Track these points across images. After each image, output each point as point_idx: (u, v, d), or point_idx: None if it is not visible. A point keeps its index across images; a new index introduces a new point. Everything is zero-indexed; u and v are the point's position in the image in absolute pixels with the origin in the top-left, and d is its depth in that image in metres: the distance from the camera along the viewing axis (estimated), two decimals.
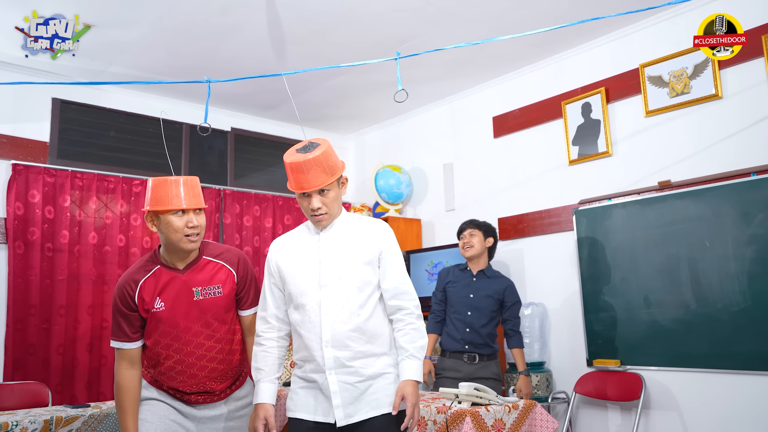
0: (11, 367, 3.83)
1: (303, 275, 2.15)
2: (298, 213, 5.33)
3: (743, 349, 3.18)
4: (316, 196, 2.12)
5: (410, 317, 2.15)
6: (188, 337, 2.18)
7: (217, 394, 2.27)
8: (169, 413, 2.23)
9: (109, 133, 4.60)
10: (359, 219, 2.26)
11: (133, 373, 2.21)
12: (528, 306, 4.04)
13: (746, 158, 3.30)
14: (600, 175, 3.95)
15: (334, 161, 2.13)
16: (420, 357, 2.11)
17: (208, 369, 2.22)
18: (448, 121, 5.02)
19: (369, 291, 2.14)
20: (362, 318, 2.10)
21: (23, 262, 3.98)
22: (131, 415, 2.17)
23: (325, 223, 2.17)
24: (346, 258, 2.15)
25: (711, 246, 3.34)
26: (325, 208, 2.13)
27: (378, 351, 2.13)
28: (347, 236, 2.19)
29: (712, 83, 3.43)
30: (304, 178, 2.09)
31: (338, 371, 2.08)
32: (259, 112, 5.22)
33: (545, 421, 2.89)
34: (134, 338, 2.21)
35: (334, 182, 2.13)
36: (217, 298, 2.22)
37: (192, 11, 3.50)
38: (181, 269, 2.22)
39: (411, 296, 2.18)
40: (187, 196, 2.15)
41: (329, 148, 2.13)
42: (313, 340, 2.10)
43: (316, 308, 2.11)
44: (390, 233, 2.23)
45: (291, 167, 2.10)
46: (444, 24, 3.73)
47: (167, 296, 2.18)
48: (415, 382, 2.07)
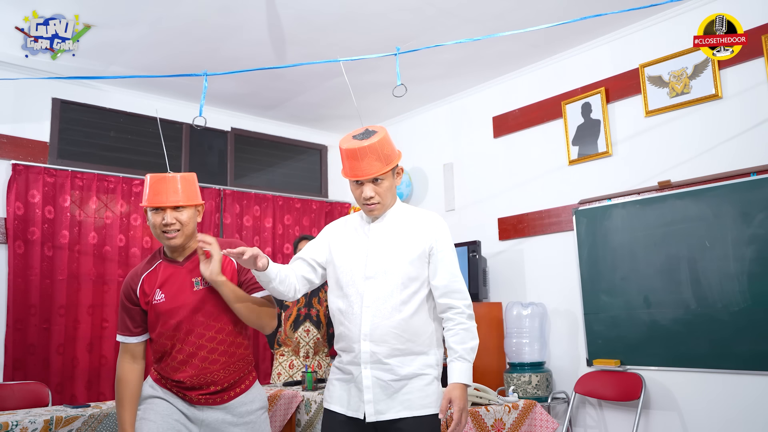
0: (11, 367, 3.83)
1: (350, 265, 2.12)
2: (298, 213, 5.33)
3: (743, 349, 3.18)
4: (369, 185, 2.07)
5: (461, 317, 2.07)
6: (190, 327, 2.19)
7: (220, 393, 2.24)
8: (173, 413, 2.21)
9: (109, 133, 4.60)
10: (413, 211, 2.20)
11: (134, 367, 2.23)
12: (528, 306, 4.04)
13: (746, 158, 3.30)
14: (600, 175, 3.95)
15: (390, 150, 2.08)
16: (470, 359, 2.04)
17: (211, 359, 2.20)
18: (448, 121, 5.02)
19: (415, 287, 2.08)
20: (404, 315, 2.05)
21: (23, 262, 3.98)
22: (128, 409, 2.18)
23: (377, 213, 2.12)
24: (393, 251, 2.09)
25: (711, 246, 3.34)
26: (378, 197, 2.09)
27: (417, 350, 2.06)
28: (398, 229, 2.14)
29: (712, 83, 3.43)
30: (359, 165, 2.04)
31: (373, 366, 2.03)
32: (259, 112, 5.22)
33: (545, 421, 2.90)
34: (136, 332, 2.24)
35: (389, 172, 2.09)
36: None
37: (192, 11, 3.50)
38: (181, 261, 2.25)
39: (462, 295, 2.10)
40: (159, 193, 2.14)
41: (386, 136, 2.09)
42: (352, 331, 2.07)
43: (358, 300, 2.07)
44: (444, 228, 2.16)
45: (346, 153, 2.05)
46: (444, 24, 3.73)
47: (168, 288, 2.20)
48: (464, 385, 2.00)
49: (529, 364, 3.91)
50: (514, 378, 3.86)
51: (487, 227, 4.59)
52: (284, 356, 3.86)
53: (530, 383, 3.82)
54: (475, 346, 2.06)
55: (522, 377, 3.84)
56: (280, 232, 5.20)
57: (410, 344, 2.05)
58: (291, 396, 3.27)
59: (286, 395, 3.28)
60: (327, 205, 5.56)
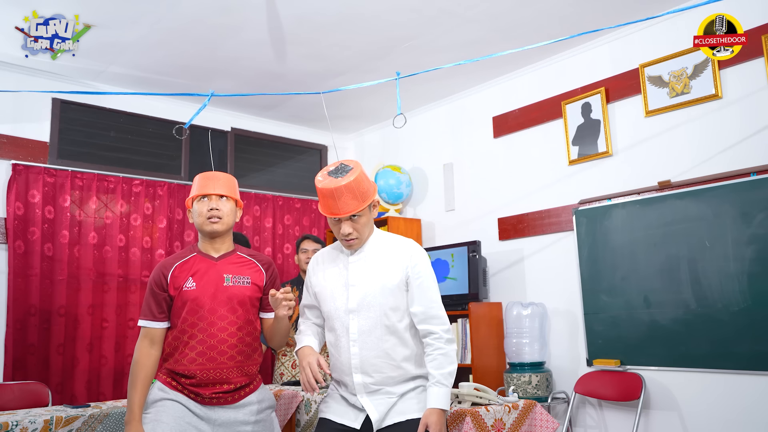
0: (11, 367, 3.82)
1: (333, 299, 2.19)
2: (298, 213, 5.33)
3: (743, 349, 3.18)
4: (347, 222, 2.12)
5: (439, 342, 2.11)
6: (213, 318, 2.28)
7: (231, 393, 2.28)
8: (185, 415, 2.23)
9: (109, 133, 4.60)
10: (390, 240, 2.24)
11: (150, 352, 2.31)
12: (528, 306, 4.04)
13: (746, 158, 3.30)
14: (600, 175, 3.95)
15: (366, 187, 2.11)
16: (447, 384, 2.08)
17: (228, 355, 2.27)
18: (448, 121, 5.02)
19: (397, 317, 2.13)
20: (390, 344, 2.10)
21: (23, 262, 3.98)
22: (140, 390, 2.25)
23: (355, 247, 2.18)
24: (372, 284, 2.14)
25: (711, 246, 3.34)
26: (356, 233, 2.14)
27: (409, 372, 2.14)
28: (375, 260, 2.18)
29: (712, 83, 3.43)
30: (335, 204, 2.08)
31: (369, 395, 2.11)
32: (259, 112, 5.22)
33: (545, 421, 2.89)
34: (159, 318, 2.33)
35: (365, 208, 2.13)
36: (245, 287, 2.35)
37: (192, 11, 3.50)
38: (216, 258, 2.38)
39: (441, 320, 2.14)
40: (207, 185, 2.37)
41: (361, 173, 2.11)
42: (343, 363, 2.14)
43: (344, 333, 2.14)
44: (420, 255, 2.19)
45: (322, 192, 2.09)
46: (444, 24, 3.73)
47: (199, 277, 2.32)
48: (441, 410, 2.04)
49: (529, 364, 3.91)
50: (514, 378, 3.86)
51: (487, 227, 4.59)
52: (287, 356, 3.86)
53: (530, 383, 3.82)
54: (453, 370, 2.11)
55: (522, 377, 3.84)
56: (280, 232, 5.20)
57: (400, 370, 2.13)
58: (291, 396, 3.27)
59: (286, 395, 3.27)
60: None
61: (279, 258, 5.14)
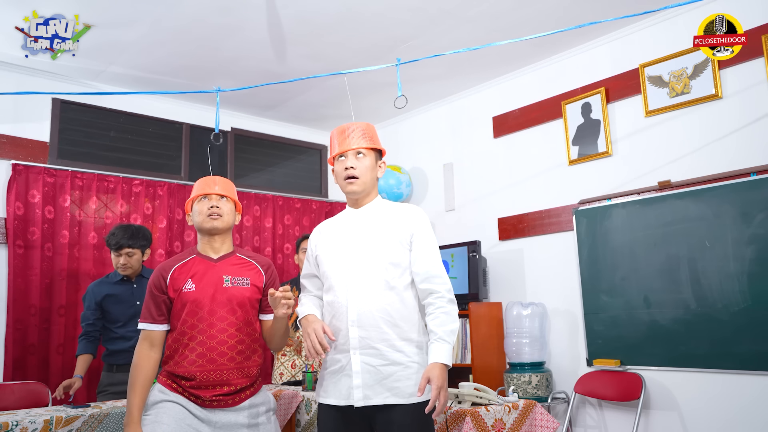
0: (11, 367, 3.82)
1: (334, 255, 2.21)
2: (298, 213, 5.33)
3: (743, 349, 3.18)
4: (351, 157, 2.20)
5: (441, 300, 2.12)
6: (213, 320, 2.29)
7: (231, 395, 2.29)
8: (185, 417, 2.24)
9: (109, 133, 4.60)
10: (394, 204, 2.31)
11: (150, 355, 2.32)
12: (528, 306, 4.04)
13: (746, 158, 3.30)
14: (600, 175, 3.95)
15: (376, 136, 2.26)
16: (450, 341, 2.08)
17: (227, 356, 2.29)
18: (448, 121, 5.02)
19: (398, 273, 2.15)
20: (389, 299, 2.12)
21: (23, 262, 3.98)
22: (139, 393, 2.26)
23: (356, 187, 2.20)
24: (376, 237, 2.17)
25: (711, 246, 3.34)
26: (358, 172, 2.19)
27: (404, 336, 2.12)
28: (380, 217, 2.23)
29: (712, 83, 3.43)
30: (345, 141, 2.21)
31: (362, 352, 2.09)
32: (259, 112, 5.22)
33: (545, 421, 2.89)
34: (159, 320, 2.35)
35: (371, 151, 2.23)
36: (244, 289, 2.37)
37: (192, 11, 3.50)
38: (215, 259, 2.41)
39: (443, 280, 2.16)
40: (207, 186, 2.43)
41: (375, 129, 2.28)
42: (341, 319, 2.14)
43: (343, 289, 2.15)
44: (424, 218, 2.25)
45: (336, 132, 2.23)
46: (444, 24, 3.73)
47: (198, 279, 2.34)
48: (443, 365, 2.04)
49: (529, 364, 3.91)
50: (514, 378, 3.86)
51: (487, 227, 4.59)
52: (286, 356, 3.86)
53: (530, 383, 3.82)
54: (455, 329, 2.11)
55: (522, 377, 3.84)
56: (280, 232, 5.20)
57: (397, 329, 2.11)
58: (291, 396, 3.27)
59: (286, 395, 3.27)
60: (327, 205, 5.56)
61: (279, 258, 5.14)
